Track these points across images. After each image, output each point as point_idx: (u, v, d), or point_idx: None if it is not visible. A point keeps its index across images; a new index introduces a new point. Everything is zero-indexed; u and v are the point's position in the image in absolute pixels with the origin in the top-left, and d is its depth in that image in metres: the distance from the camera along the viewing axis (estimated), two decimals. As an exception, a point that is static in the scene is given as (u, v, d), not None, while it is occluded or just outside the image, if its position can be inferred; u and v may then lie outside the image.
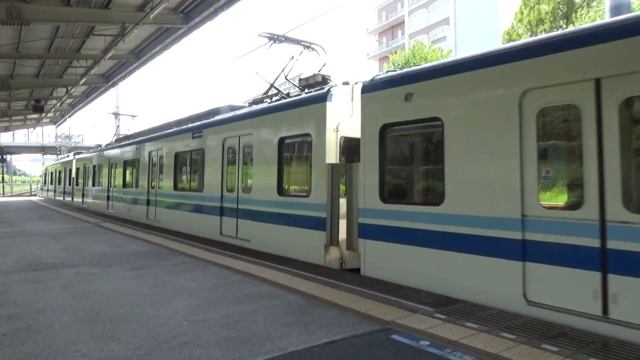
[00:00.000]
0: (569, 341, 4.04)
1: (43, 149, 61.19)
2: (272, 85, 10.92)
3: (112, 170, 19.53)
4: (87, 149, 31.12)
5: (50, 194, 35.93)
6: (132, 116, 24.55)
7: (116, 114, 22.60)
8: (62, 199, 29.66)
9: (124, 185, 18.15)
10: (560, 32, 5.29)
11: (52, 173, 36.26)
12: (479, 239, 5.38)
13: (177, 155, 13.59)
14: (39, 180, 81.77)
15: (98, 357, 3.95)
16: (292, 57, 10.57)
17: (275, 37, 10.57)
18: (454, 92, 5.86)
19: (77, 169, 25.44)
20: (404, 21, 58.90)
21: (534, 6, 27.00)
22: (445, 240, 5.77)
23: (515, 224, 4.99)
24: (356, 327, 4.65)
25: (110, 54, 16.86)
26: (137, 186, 16.67)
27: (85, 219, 17.06)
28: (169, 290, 6.24)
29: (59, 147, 54.53)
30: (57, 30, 14.96)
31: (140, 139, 17.07)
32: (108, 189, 19.86)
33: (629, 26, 4.40)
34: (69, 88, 23.22)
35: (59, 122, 42.84)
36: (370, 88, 7.10)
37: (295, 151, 9.20)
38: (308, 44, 10.68)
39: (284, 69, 10.64)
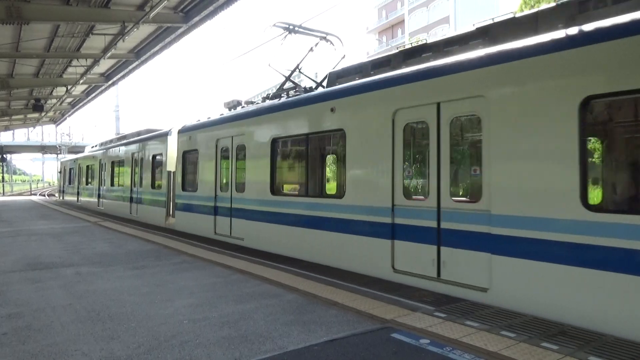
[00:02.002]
0: (569, 339, 4.05)
1: (43, 149, 61.20)
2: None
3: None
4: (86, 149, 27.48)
5: (86, 199, 23.74)
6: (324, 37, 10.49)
7: (291, 29, 10.19)
8: (127, 207, 17.33)
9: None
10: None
11: (88, 167, 23.69)
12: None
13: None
14: (39, 179, 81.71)
15: (98, 355, 3.96)
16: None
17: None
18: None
19: (185, 154, 12.87)
20: (404, 20, 58.88)
21: (534, 5, 26.96)
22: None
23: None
24: (356, 326, 4.65)
25: (110, 53, 16.86)
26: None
27: (85, 218, 17.06)
28: (169, 290, 6.25)
29: (59, 146, 54.58)
30: (57, 29, 14.95)
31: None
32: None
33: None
34: (69, 87, 23.20)
35: (59, 121, 42.86)
36: None
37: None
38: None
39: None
